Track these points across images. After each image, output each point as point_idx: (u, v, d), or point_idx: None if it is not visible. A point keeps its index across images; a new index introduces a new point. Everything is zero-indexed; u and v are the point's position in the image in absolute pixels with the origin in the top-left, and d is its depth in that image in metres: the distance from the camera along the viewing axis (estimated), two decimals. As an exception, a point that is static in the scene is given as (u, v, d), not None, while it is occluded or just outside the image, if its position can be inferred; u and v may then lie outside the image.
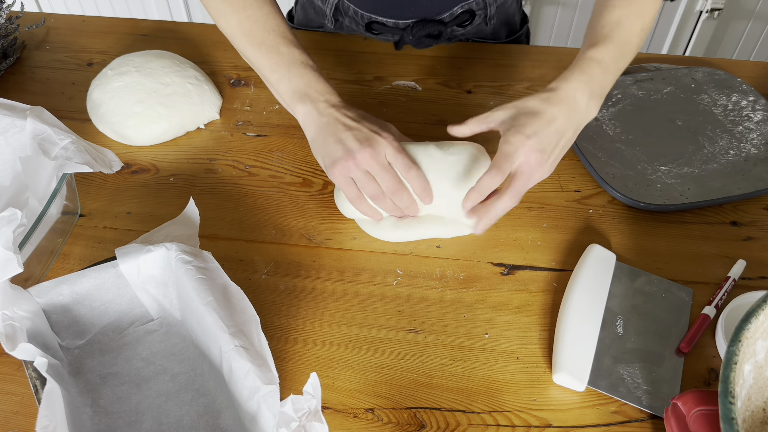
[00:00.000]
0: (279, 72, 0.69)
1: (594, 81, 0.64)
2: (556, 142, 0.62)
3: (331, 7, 0.92)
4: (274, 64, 0.69)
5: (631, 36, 0.67)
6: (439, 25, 0.90)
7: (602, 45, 0.65)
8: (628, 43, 0.67)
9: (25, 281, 0.64)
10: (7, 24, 0.89)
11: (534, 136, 0.61)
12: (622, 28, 0.66)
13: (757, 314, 0.47)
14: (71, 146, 0.63)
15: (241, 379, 0.51)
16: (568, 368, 0.58)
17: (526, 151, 0.61)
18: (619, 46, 0.66)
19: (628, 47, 0.67)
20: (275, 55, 0.69)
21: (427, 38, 0.91)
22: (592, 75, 0.64)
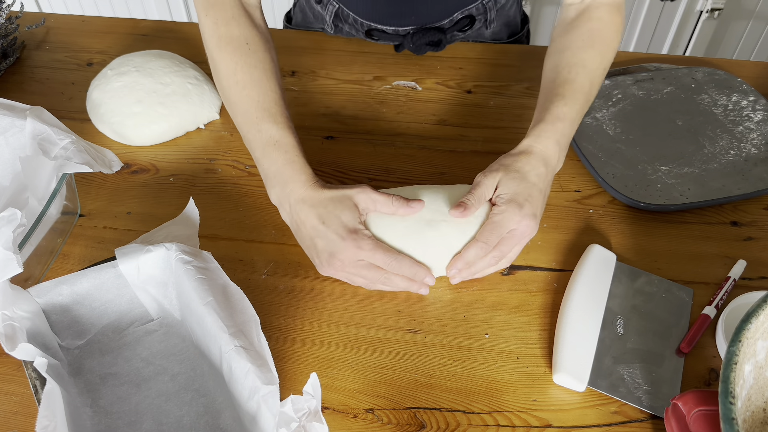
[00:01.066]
0: (255, 152, 0.67)
1: (563, 135, 0.67)
2: (542, 201, 0.64)
3: (331, 14, 0.92)
4: (252, 141, 0.67)
5: (595, 79, 0.70)
6: (439, 33, 0.89)
7: (569, 96, 0.67)
8: (591, 88, 0.69)
9: (24, 281, 0.64)
10: (6, 24, 0.89)
11: (526, 204, 0.62)
12: (587, 72, 0.69)
13: (758, 314, 0.47)
14: (71, 146, 0.63)
15: (241, 379, 0.51)
16: (569, 368, 0.58)
17: (520, 219, 0.62)
18: (584, 94, 0.68)
19: (591, 92, 0.70)
20: (254, 132, 0.66)
21: (427, 46, 0.90)
22: (561, 131, 0.66)
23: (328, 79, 0.90)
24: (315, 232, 0.62)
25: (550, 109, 0.67)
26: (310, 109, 0.86)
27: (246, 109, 0.67)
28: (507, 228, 0.62)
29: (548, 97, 0.68)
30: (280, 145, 0.65)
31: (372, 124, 0.84)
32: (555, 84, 0.69)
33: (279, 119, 0.66)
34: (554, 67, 0.70)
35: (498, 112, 0.85)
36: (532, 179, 0.63)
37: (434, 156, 0.80)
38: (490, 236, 0.62)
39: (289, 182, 0.64)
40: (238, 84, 0.67)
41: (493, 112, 0.85)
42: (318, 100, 0.87)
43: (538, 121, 0.67)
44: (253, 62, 0.68)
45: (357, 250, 0.60)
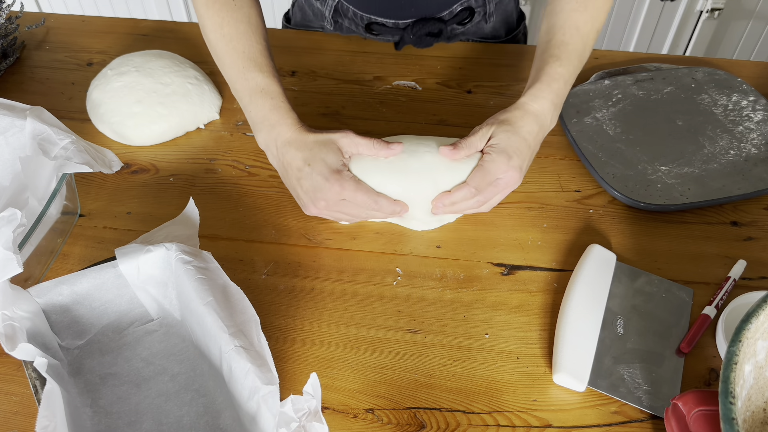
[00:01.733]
0: (243, 100, 0.70)
1: (558, 96, 0.69)
2: (530, 157, 0.68)
3: (330, 9, 0.92)
4: (240, 90, 0.70)
5: (588, 41, 0.72)
6: (439, 23, 0.90)
7: (564, 57, 0.70)
8: (584, 50, 0.71)
9: (24, 281, 0.64)
10: (6, 24, 0.89)
11: (515, 156, 0.65)
12: (580, 35, 0.71)
13: (758, 314, 0.47)
14: (71, 146, 0.63)
15: (241, 379, 0.51)
16: (569, 368, 0.58)
17: (507, 169, 0.65)
18: (578, 55, 0.71)
19: (584, 54, 0.72)
20: (242, 81, 0.69)
21: (427, 37, 0.91)
22: (556, 90, 0.69)
23: (328, 79, 0.90)
24: (300, 173, 0.65)
25: (545, 70, 0.69)
26: (310, 109, 0.86)
27: (233, 60, 0.70)
28: (494, 175, 0.66)
29: (543, 57, 0.71)
30: (266, 92, 0.68)
31: (372, 124, 0.84)
32: (550, 45, 0.71)
33: (265, 68, 0.69)
34: (549, 28, 0.73)
35: (498, 112, 0.85)
36: (523, 134, 0.66)
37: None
38: (480, 182, 0.66)
39: (275, 126, 0.67)
40: (225, 37, 0.70)
41: (493, 112, 0.85)
42: (318, 100, 0.87)
43: (534, 81, 0.69)
44: (239, 17, 0.71)
45: (340, 190, 0.64)
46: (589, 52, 0.72)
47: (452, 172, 0.67)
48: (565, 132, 0.81)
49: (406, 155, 0.68)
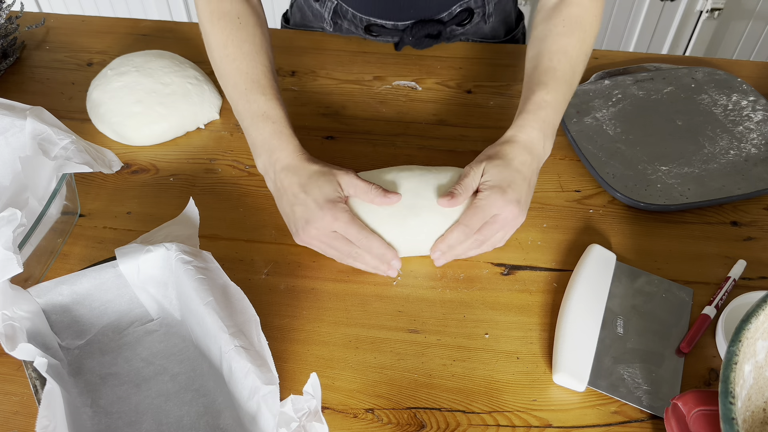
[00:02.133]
0: (244, 122, 0.69)
1: (547, 124, 0.67)
2: (527, 189, 0.65)
3: (329, 11, 0.92)
4: (242, 112, 0.69)
5: (577, 65, 0.70)
6: (439, 25, 0.90)
7: (552, 84, 0.68)
8: (573, 74, 0.70)
9: (25, 281, 0.64)
10: (6, 24, 0.89)
11: (509, 189, 0.63)
12: (568, 59, 0.69)
13: (758, 314, 0.47)
14: (71, 146, 0.63)
15: (241, 379, 0.51)
16: (568, 368, 0.58)
17: (503, 204, 0.63)
18: (567, 80, 0.69)
19: (574, 78, 0.70)
20: (244, 103, 0.68)
21: (426, 38, 0.91)
22: (544, 119, 0.67)
23: (328, 79, 0.90)
24: (295, 199, 0.64)
25: (532, 99, 0.68)
26: (310, 109, 0.86)
27: (236, 81, 0.69)
28: (490, 213, 0.63)
29: (530, 86, 0.69)
30: (267, 116, 0.67)
31: (372, 124, 0.84)
32: (537, 72, 0.69)
33: (267, 91, 0.68)
34: (536, 54, 0.71)
35: (498, 112, 0.85)
36: (515, 166, 0.64)
37: (434, 156, 0.80)
38: (472, 219, 0.63)
39: (275, 151, 0.66)
40: (229, 57, 0.69)
41: (493, 112, 0.85)
42: (318, 100, 0.87)
43: (521, 111, 0.68)
44: (244, 36, 0.70)
45: (333, 220, 0.62)
46: (579, 77, 0.71)
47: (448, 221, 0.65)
48: (565, 132, 0.81)
49: (405, 210, 0.65)
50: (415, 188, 0.67)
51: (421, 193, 0.66)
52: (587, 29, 0.71)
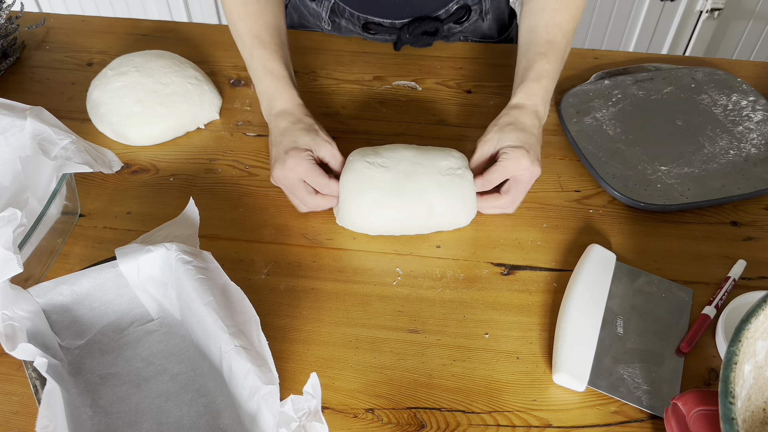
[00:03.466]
0: (252, 75, 0.76)
1: (546, 92, 0.72)
2: (539, 149, 0.70)
3: (327, 10, 0.92)
4: (249, 66, 0.76)
5: (569, 39, 0.75)
6: (436, 22, 0.90)
7: (550, 54, 0.73)
8: (567, 47, 0.75)
9: (25, 281, 0.64)
10: (7, 24, 0.89)
11: (531, 150, 0.68)
12: (563, 33, 0.74)
13: (757, 314, 0.47)
14: (71, 146, 0.63)
15: (241, 379, 0.51)
16: (568, 368, 0.58)
17: (528, 164, 0.67)
18: (562, 53, 0.74)
19: (566, 51, 0.75)
20: (249, 58, 0.75)
21: (424, 35, 0.91)
22: (545, 87, 0.72)
23: (328, 79, 0.90)
24: (275, 140, 0.70)
25: (534, 68, 0.72)
26: (310, 109, 0.85)
27: (243, 39, 0.75)
28: (512, 171, 0.67)
29: (529, 56, 0.73)
30: (267, 68, 0.73)
31: (372, 124, 0.84)
32: (535, 44, 0.74)
33: (268, 45, 0.74)
34: (532, 27, 0.75)
35: (498, 112, 0.85)
36: (529, 129, 0.69)
37: (434, 156, 0.79)
38: (494, 176, 0.68)
39: (273, 98, 0.72)
40: (238, 16, 0.75)
41: (493, 112, 0.85)
42: (318, 100, 0.87)
43: (523, 80, 0.73)
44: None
45: (294, 166, 0.67)
46: (569, 50, 0.76)
47: (444, 194, 0.68)
48: (565, 132, 0.81)
49: (402, 176, 0.68)
50: (413, 157, 0.69)
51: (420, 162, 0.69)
52: (578, 6, 0.76)
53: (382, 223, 0.68)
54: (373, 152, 0.70)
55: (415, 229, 0.70)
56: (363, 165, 0.69)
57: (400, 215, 0.68)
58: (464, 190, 0.68)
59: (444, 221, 0.69)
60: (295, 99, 0.72)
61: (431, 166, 0.69)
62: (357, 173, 0.68)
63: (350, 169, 0.69)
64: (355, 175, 0.68)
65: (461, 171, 0.69)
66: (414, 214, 0.68)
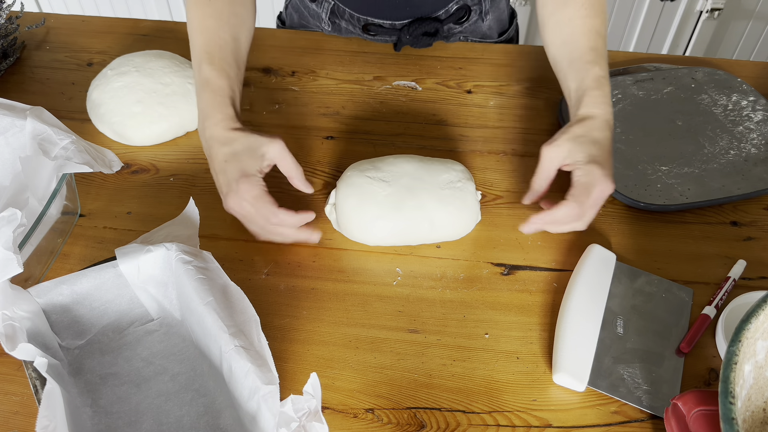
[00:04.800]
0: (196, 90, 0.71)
1: (609, 96, 0.69)
2: (612, 162, 0.66)
3: (327, 11, 0.92)
4: (195, 81, 0.71)
5: (606, 42, 0.73)
6: (436, 23, 0.90)
7: (600, 60, 0.70)
8: (605, 48, 0.73)
9: (25, 281, 0.64)
10: (7, 24, 0.89)
11: (605, 165, 0.64)
12: (602, 38, 0.73)
13: (757, 314, 0.47)
14: (71, 146, 0.63)
15: (241, 379, 0.51)
16: (568, 368, 0.58)
17: (603, 179, 0.64)
18: (606, 57, 0.72)
19: (606, 51, 0.73)
20: (196, 72, 0.71)
21: (424, 36, 0.91)
22: (607, 92, 0.69)
23: (328, 79, 0.90)
24: (219, 168, 0.66)
25: (591, 76, 0.69)
26: (310, 109, 0.86)
27: (194, 53, 0.72)
28: (593, 187, 0.64)
29: (578, 66, 0.70)
30: (208, 84, 0.69)
31: (372, 124, 0.84)
32: (581, 52, 0.71)
33: (215, 62, 0.70)
34: (568, 37, 0.73)
35: (498, 112, 0.85)
36: (602, 142, 0.66)
37: (434, 156, 0.79)
38: (582, 197, 0.64)
39: (206, 118, 0.68)
40: (194, 31, 0.73)
41: (493, 112, 0.85)
42: (318, 100, 0.87)
43: (586, 89, 0.69)
44: (209, 12, 0.73)
45: (244, 193, 0.64)
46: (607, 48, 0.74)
47: (447, 209, 0.67)
48: (565, 132, 0.81)
49: (404, 192, 0.67)
50: (414, 172, 0.68)
51: (421, 177, 0.68)
52: (603, 8, 0.74)
53: (383, 236, 0.68)
54: (372, 167, 0.69)
55: (417, 242, 0.69)
56: (364, 180, 0.68)
57: (402, 230, 0.67)
58: (465, 203, 0.68)
59: (446, 234, 0.69)
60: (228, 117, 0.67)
61: (431, 180, 0.68)
62: (357, 188, 0.68)
63: (350, 184, 0.68)
64: (355, 189, 0.68)
65: (461, 183, 0.68)
66: (416, 228, 0.67)
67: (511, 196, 0.75)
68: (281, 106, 0.86)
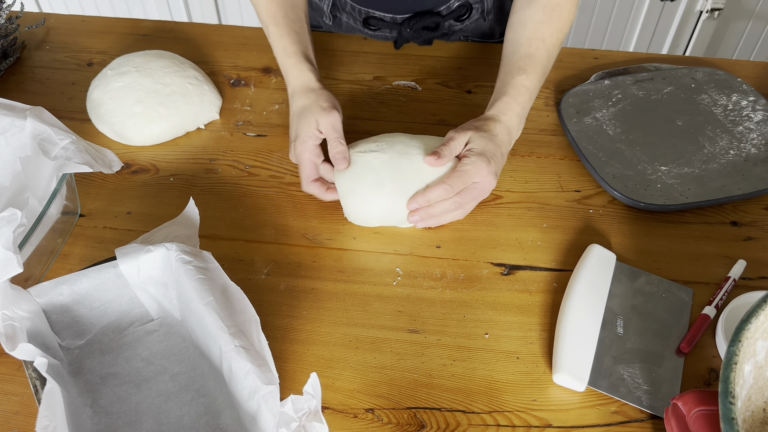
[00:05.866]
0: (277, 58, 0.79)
1: (523, 108, 0.73)
2: (501, 165, 0.71)
3: (328, 5, 0.92)
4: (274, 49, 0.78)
5: (552, 53, 0.75)
6: (437, 17, 0.90)
7: (531, 70, 0.73)
8: (548, 62, 0.75)
9: (25, 281, 0.64)
10: (7, 24, 0.89)
11: (492, 161, 0.68)
12: (546, 47, 0.74)
13: (757, 314, 0.47)
14: (71, 146, 0.63)
15: (241, 379, 0.51)
16: (568, 368, 0.58)
17: (486, 173, 0.68)
18: (543, 67, 0.74)
19: (548, 66, 0.75)
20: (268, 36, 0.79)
21: (425, 30, 0.91)
22: (522, 104, 0.72)
23: (328, 79, 0.90)
24: (291, 121, 0.75)
25: (512, 83, 0.72)
26: (310, 109, 0.86)
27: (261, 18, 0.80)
28: (473, 178, 0.68)
29: (510, 70, 0.74)
30: (287, 52, 0.77)
31: (372, 124, 0.84)
32: (516, 57, 0.74)
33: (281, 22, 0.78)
34: (515, 39, 0.75)
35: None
36: (498, 142, 0.70)
37: (434, 156, 0.80)
38: (456, 182, 0.67)
39: (288, 78, 0.77)
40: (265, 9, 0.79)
41: (493, 112, 0.85)
42: (318, 100, 0.87)
43: (501, 94, 0.73)
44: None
45: (299, 152, 0.72)
46: (552, 64, 0.75)
47: (444, 170, 0.69)
48: (565, 132, 0.81)
49: (399, 156, 0.69)
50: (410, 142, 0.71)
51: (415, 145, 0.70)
52: (565, 18, 0.75)
53: (385, 207, 0.69)
54: (362, 142, 0.72)
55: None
56: (355, 156, 0.70)
57: (403, 196, 0.68)
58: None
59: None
60: (303, 76, 0.75)
61: (425, 147, 0.70)
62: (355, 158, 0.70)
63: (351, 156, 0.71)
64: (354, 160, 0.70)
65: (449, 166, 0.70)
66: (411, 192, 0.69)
67: (511, 196, 0.75)
68: (281, 106, 0.86)
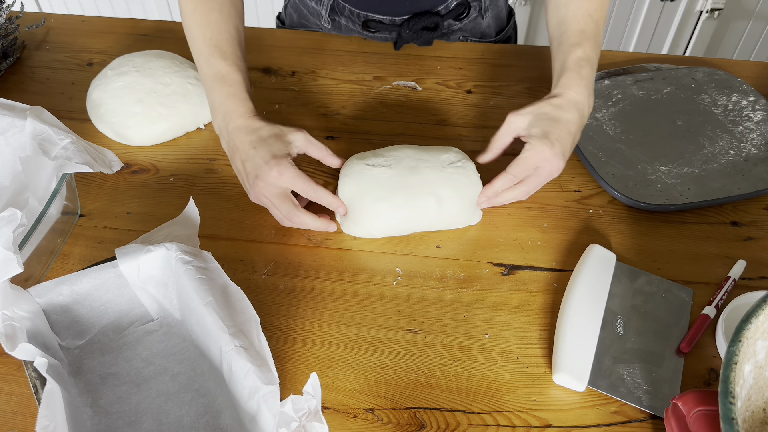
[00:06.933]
0: (205, 84, 0.72)
1: (588, 81, 0.70)
2: (571, 145, 0.68)
3: (327, 8, 0.93)
4: (204, 75, 0.72)
5: (600, 27, 0.73)
6: (436, 17, 0.90)
7: (585, 43, 0.71)
8: (599, 35, 0.73)
9: (25, 281, 0.64)
10: (7, 24, 0.89)
11: (557, 143, 0.66)
12: (594, 21, 0.73)
13: (758, 314, 0.47)
14: (71, 146, 0.63)
15: (241, 379, 0.51)
16: (568, 368, 0.58)
17: (547, 157, 0.66)
18: (596, 39, 0.73)
19: (599, 39, 0.73)
20: (206, 66, 0.71)
21: (424, 31, 0.91)
22: (585, 76, 0.70)
23: (328, 79, 0.90)
24: (245, 155, 0.66)
25: (571, 59, 0.70)
26: (310, 109, 0.86)
27: (200, 46, 0.72)
28: (534, 164, 0.66)
29: (563, 48, 0.72)
30: (224, 79, 0.70)
31: (372, 124, 0.84)
32: (567, 35, 0.72)
33: (228, 56, 0.71)
34: (561, 20, 0.74)
35: (498, 112, 0.85)
36: (563, 121, 0.67)
37: (434, 156, 0.80)
38: (517, 170, 0.67)
39: (229, 112, 0.69)
40: (196, 23, 0.73)
41: (493, 112, 0.85)
42: (318, 100, 0.87)
43: (563, 71, 0.70)
44: (211, 6, 0.73)
45: (278, 175, 0.65)
46: (602, 37, 0.74)
47: (453, 185, 0.68)
48: (565, 132, 0.81)
49: (407, 171, 0.68)
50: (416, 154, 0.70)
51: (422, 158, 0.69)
52: None
53: (389, 222, 0.68)
54: (371, 154, 0.70)
55: (424, 225, 0.69)
56: (362, 167, 0.69)
57: (408, 210, 0.68)
58: (470, 179, 0.69)
59: (455, 214, 0.69)
60: (251, 110, 0.69)
61: (433, 160, 0.69)
62: (358, 174, 0.68)
63: (349, 173, 0.69)
64: (356, 177, 0.68)
65: (461, 163, 0.70)
66: (423, 208, 0.68)
67: (511, 196, 0.75)
68: (281, 106, 0.86)
